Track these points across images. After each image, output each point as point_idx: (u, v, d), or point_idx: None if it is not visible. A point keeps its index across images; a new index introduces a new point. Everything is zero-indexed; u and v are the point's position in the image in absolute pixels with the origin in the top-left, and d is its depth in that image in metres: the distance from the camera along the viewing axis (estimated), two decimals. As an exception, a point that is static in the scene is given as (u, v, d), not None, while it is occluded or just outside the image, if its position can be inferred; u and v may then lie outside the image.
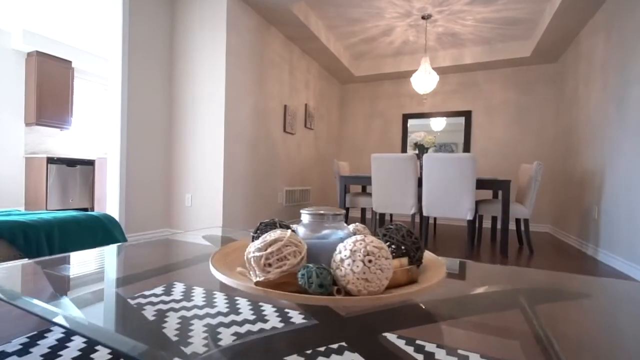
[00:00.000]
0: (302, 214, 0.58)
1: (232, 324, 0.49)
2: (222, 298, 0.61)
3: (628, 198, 2.45)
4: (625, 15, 2.59)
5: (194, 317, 0.50)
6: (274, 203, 3.83)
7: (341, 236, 0.54)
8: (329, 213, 0.55)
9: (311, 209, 0.56)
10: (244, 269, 0.52)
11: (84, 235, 1.46)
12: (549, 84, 4.44)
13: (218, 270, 0.52)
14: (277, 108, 3.83)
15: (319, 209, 0.56)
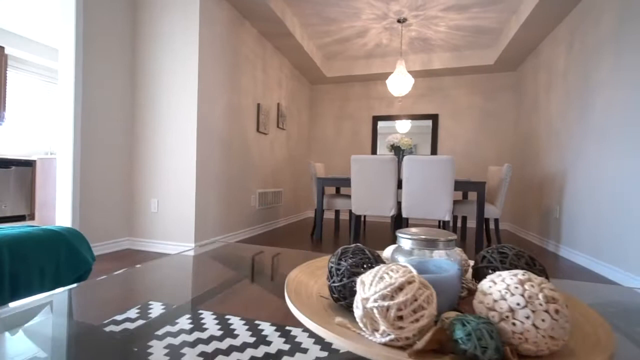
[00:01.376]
0: (401, 237, 0.46)
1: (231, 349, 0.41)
2: (211, 318, 0.50)
3: (592, 198, 2.66)
4: (588, 28, 2.81)
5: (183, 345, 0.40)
6: (247, 206, 3.62)
7: (457, 267, 0.44)
8: (440, 238, 0.45)
9: (415, 232, 0.45)
10: (343, 318, 0.40)
11: (42, 255, 1.20)
12: (510, 92, 4.75)
13: (312, 320, 0.39)
14: (250, 106, 3.62)
15: (424, 232, 0.45)
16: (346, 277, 0.44)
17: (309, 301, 0.46)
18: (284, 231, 4.09)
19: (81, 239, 1.36)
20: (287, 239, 3.61)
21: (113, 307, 0.59)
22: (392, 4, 3.42)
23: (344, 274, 0.45)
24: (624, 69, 2.32)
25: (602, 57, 2.58)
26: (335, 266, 0.46)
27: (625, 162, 2.27)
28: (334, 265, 0.47)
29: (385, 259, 0.53)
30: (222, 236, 3.13)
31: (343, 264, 0.46)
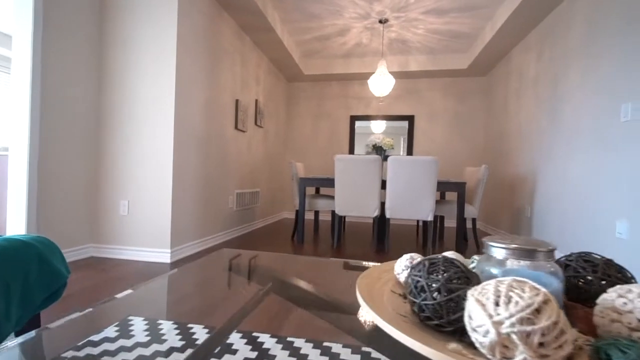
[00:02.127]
0: (493, 246, 0.41)
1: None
2: (203, 332, 0.43)
3: (561, 198, 2.82)
4: (557, 37, 2.99)
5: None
6: (225, 208, 3.44)
7: (559, 282, 0.39)
8: (540, 248, 0.40)
9: (509, 240, 0.40)
10: (457, 344, 0.34)
11: (7, 271, 1.02)
12: (480, 95, 4.96)
13: (428, 346, 0.32)
14: (229, 103, 3.45)
15: (520, 241, 0.40)
16: (443, 294, 0.38)
17: (397, 322, 0.39)
18: (262, 233, 3.95)
19: (53, 250, 1.17)
20: (267, 241, 3.48)
21: (86, 325, 0.49)
22: (376, 3, 3.42)
23: (440, 290, 0.38)
24: (593, 77, 2.48)
25: (572, 65, 2.75)
26: (424, 281, 0.39)
27: (594, 164, 2.42)
28: (422, 279, 0.40)
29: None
30: (199, 240, 2.94)
31: (434, 278, 0.39)
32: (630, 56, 2.14)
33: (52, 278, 1.15)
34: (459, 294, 0.37)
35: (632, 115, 2.11)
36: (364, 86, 5.32)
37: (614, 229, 2.21)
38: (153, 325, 0.47)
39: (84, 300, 1.68)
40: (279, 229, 4.31)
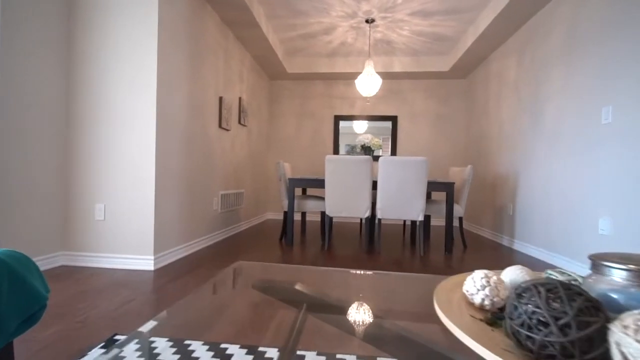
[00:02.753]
0: (614, 267, 0.36)
1: None
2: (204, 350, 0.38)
3: (545, 197, 2.93)
4: (537, 42, 3.10)
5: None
6: (210, 210, 3.28)
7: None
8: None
9: (627, 261, 0.35)
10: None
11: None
12: (461, 97, 5.09)
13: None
14: (212, 100, 3.29)
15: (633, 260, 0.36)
16: (575, 329, 0.33)
17: None
18: (248, 236, 3.82)
19: (28, 265, 1.02)
20: (255, 244, 3.36)
21: (64, 348, 0.41)
22: (363, 3, 3.39)
23: (570, 325, 0.33)
24: (574, 81, 2.59)
25: (553, 70, 2.86)
26: (546, 313, 0.34)
27: (576, 165, 2.53)
28: (541, 311, 0.35)
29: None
30: (184, 245, 2.78)
31: (559, 309, 0.34)
32: (610, 60, 2.24)
33: (28, 299, 1.01)
34: (597, 328, 0.32)
35: (613, 118, 2.21)
36: (349, 86, 5.29)
37: (597, 227, 2.31)
38: (215, 348, 0.39)
39: (60, 315, 1.51)
40: (264, 230, 4.19)
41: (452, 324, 0.41)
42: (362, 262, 2.70)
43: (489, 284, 0.49)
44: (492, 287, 0.49)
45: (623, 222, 2.10)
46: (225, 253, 2.90)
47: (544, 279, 0.39)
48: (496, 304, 0.49)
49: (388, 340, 0.46)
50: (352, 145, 5.29)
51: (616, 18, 2.21)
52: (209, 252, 2.91)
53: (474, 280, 0.51)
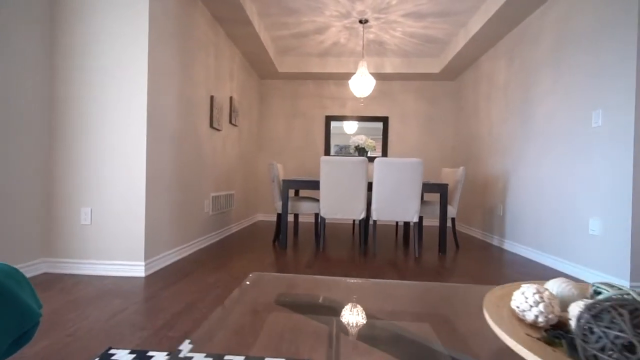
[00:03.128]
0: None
1: None
2: None
3: (535, 198, 2.99)
4: (527, 46, 3.16)
5: None
6: (201, 212, 3.19)
7: None
8: None
9: None
10: None
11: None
12: (449, 99, 5.16)
13: None
14: (203, 99, 3.20)
15: None
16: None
17: None
18: (239, 238, 3.74)
19: (19, 280, 0.94)
20: (247, 247, 3.29)
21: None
22: (358, 3, 3.37)
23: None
24: (563, 84, 2.65)
25: (542, 74, 2.92)
26: (633, 339, 0.32)
27: (566, 166, 2.60)
28: (625, 334, 0.32)
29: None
30: (176, 249, 2.68)
31: None
32: (599, 66, 2.31)
33: (20, 317, 0.93)
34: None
35: (603, 121, 2.27)
36: (340, 86, 5.28)
37: (587, 227, 2.37)
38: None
39: (47, 328, 1.41)
40: (256, 232, 4.12)
41: (519, 346, 0.38)
42: (359, 265, 2.68)
43: (542, 299, 0.47)
44: (546, 303, 0.46)
45: (613, 223, 2.16)
46: (218, 257, 2.82)
47: (620, 298, 0.37)
48: (550, 321, 0.47)
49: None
50: (342, 145, 5.27)
51: (605, 25, 2.27)
52: (201, 256, 2.82)
53: (525, 296, 0.48)
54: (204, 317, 1.59)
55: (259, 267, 2.52)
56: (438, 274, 2.48)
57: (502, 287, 0.58)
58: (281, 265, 2.60)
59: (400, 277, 2.36)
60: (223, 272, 2.37)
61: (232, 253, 2.98)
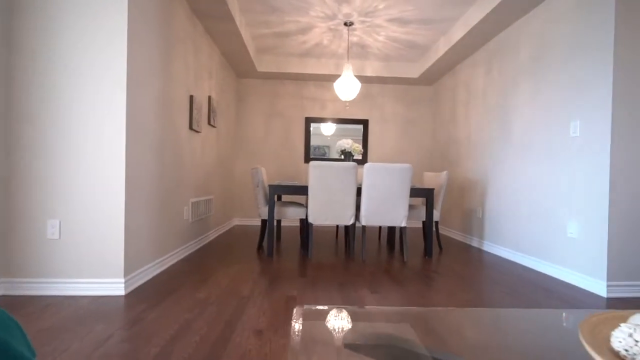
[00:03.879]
0: None
1: None
2: None
3: (514, 201, 3.14)
4: (506, 55, 3.30)
5: None
6: (181, 220, 2.98)
7: None
8: None
9: None
10: None
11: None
12: (427, 103, 5.30)
13: None
14: (183, 98, 2.98)
15: None
16: None
17: None
18: (220, 245, 3.55)
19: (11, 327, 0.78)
20: (230, 255, 3.13)
21: None
22: (345, 5, 3.33)
23: None
24: (542, 95, 2.80)
25: (521, 84, 3.07)
26: None
27: (545, 172, 2.74)
28: None
29: None
30: (157, 261, 2.47)
31: None
32: (577, 79, 2.46)
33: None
34: None
35: (581, 131, 2.43)
36: (320, 87, 5.22)
37: (565, 230, 2.52)
38: None
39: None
40: (235, 239, 3.94)
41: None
42: (352, 272, 2.64)
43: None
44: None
45: (590, 226, 2.31)
46: (202, 268, 2.64)
47: None
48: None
49: None
50: (316, 146, 5.19)
51: (581, 41, 2.42)
52: (184, 268, 2.63)
53: (636, 339, 0.45)
54: (205, 340, 1.46)
55: (248, 278, 2.39)
56: (431, 278, 2.51)
57: (594, 315, 0.55)
58: (272, 276, 2.49)
59: (396, 284, 2.35)
60: (212, 286, 2.21)
61: (215, 263, 2.81)
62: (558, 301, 2.08)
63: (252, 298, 2.00)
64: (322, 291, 2.16)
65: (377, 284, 2.36)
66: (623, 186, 2.20)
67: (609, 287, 2.18)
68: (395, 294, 2.14)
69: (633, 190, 2.21)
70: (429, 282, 2.41)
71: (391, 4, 3.29)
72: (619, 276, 2.20)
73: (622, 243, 2.20)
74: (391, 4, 3.28)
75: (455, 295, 2.16)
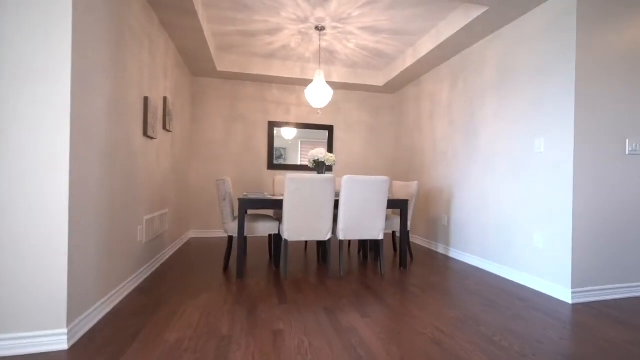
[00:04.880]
0: None
1: None
2: None
3: (480, 211, 3.28)
4: (471, 72, 3.44)
5: None
6: (134, 242, 2.56)
7: None
8: None
9: None
10: None
11: None
12: (389, 111, 5.38)
13: None
14: (136, 101, 2.57)
15: None
16: None
17: None
18: (178, 265, 3.16)
19: None
20: (194, 279, 2.78)
21: None
22: (319, 9, 3.18)
23: None
24: (507, 112, 2.96)
25: (487, 100, 3.22)
26: None
27: (511, 185, 2.90)
28: None
29: None
30: (105, 298, 2.06)
31: None
32: (541, 98, 2.62)
33: None
34: None
35: (545, 148, 2.59)
36: (284, 91, 4.99)
37: (532, 240, 2.68)
38: None
39: None
40: (194, 256, 3.55)
41: None
42: (333, 289, 2.50)
43: None
44: None
45: (555, 237, 2.48)
46: (163, 298, 2.28)
47: None
48: None
49: None
50: (275, 148, 4.95)
51: (545, 65, 2.59)
52: (141, 300, 2.24)
53: None
54: (191, 410, 1.19)
55: (223, 309, 2.12)
56: (414, 295, 2.47)
57: None
58: (250, 304, 2.24)
59: (382, 304, 2.27)
60: (182, 324, 1.90)
61: (179, 291, 2.46)
62: (534, 311, 2.18)
63: (234, 337, 1.75)
64: (310, 321, 1.99)
65: (364, 304, 2.25)
66: (585, 200, 2.39)
67: (574, 294, 2.34)
68: (385, 317, 2.05)
69: (595, 203, 2.41)
70: (413, 299, 2.37)
71: (366, 12, 3.23)
72: (583, 283, 2.38)
73: (585, 253, 2.38)
74: (366, 12, 3.22)
75: (442, 313, 2.14)
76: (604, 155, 2.42)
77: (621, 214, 2.47)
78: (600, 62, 2.40)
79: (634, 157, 2.50)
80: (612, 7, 2.42)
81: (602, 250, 2.43)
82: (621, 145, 2.46)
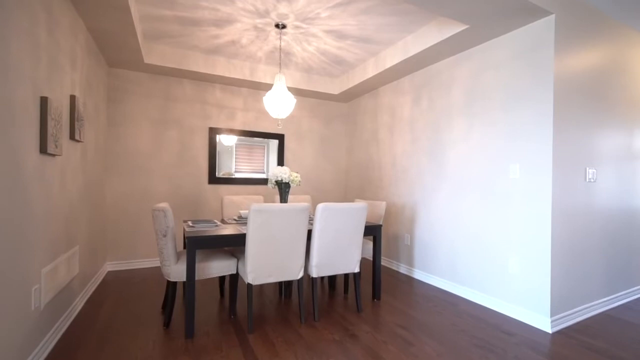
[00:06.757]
0: None
1: None
2: None
3: (450, 232, 3.20)
4: (437, 90, 3.36)
5: None
6: (25, 313, 1.74)
7: None
8: None
9: None
10: None
11: None
12: (342, 121, 5.13)
13: None
14: (29, 104, 1.75)
15: None
16: None
17: None
18: (96, 325, 2.34)
19: None
20: (121, 348, 2.05)
21: None
22: (283, 4, 2.69)
23: None
24: (478, 136, 2.92)
25: (455, 119, 3.16)
26: None
27: (484, 208, 2.87)
28: None
29: None
30: None
31: None
32: (517, 125, 2.61)
33: None
34: None
35: (521, 174, 2.59)
36: (228, 93, 4.32)
37: (507, 266, 2.66)
38: None
39: None
40: (117, 302, 2.72)
41: None
42: (310, 340, 2.07)
43: None
44: None
45: (532, 263, 2.48)
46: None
47: None
48: None
49: None
50: None
51: (521, 92, 2.58)
52: (42, 410, 1.48)
53: None
54: None
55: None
56: (403, 339, 2.20)
57: None
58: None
59: (371, 354, 1.93)
60: None
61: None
62: (527, 348, 2.10)
63: None
64: (304, 407, 1.53)
65: (348, 355, 1.89)
66: (564, 226, 2.43)
67: (553, 322, 2.36)
68: (389, 383, 1.72)
69: (573, 230, 2.47)
70: (404, 347, 2.10)
71: (335, 15, 2.86)
72: (559, 309, 2.41)
73: (561, 278, 2.42)
74: (335, 14, 2.85)
75: (444, 365, 1.90)
76: (570, 182, 2.50)
77: (584, 238, 2.59)
78: (568, 89, 2.48)
79: (591, 184, 2.65)
80: (582, 33, 2.51)
81: (573, 275, 2.51)
82: (581, 173, 2.58)
